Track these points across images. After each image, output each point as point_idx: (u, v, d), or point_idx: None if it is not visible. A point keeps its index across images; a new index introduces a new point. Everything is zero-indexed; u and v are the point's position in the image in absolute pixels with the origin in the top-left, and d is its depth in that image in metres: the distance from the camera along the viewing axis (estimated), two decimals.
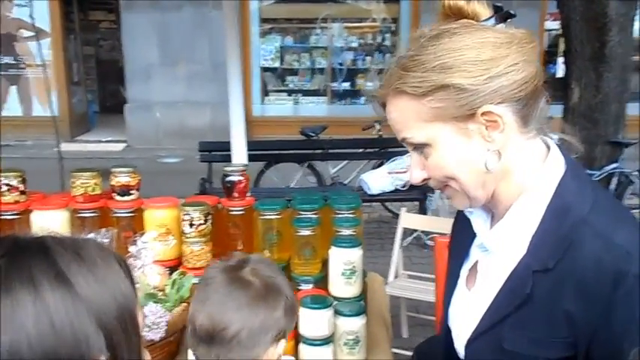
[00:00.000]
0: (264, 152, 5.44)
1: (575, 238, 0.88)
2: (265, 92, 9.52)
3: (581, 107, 4.33)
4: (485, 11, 0.95)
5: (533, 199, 0.94)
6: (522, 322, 0.92)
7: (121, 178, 1.76)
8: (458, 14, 0.94)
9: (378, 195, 4.91)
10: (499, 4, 0.99)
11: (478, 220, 1.04)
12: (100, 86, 12.09)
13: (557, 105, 4.87)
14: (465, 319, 1.05)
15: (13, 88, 9.49)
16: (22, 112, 9.42)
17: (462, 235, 1.12)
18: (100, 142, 9.55)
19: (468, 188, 0.95)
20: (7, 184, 1.76)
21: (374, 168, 5.34)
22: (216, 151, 5.38)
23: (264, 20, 9.41)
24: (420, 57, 0.90)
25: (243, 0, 9.02)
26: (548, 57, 9.33)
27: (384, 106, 0.98)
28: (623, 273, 0.84)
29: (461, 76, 0.87)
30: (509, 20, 0.96)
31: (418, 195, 4.88)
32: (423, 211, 4.81)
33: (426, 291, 3.10)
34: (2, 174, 1.77)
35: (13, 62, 9.41)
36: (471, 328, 1.01)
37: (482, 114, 0.90)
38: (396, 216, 4.43)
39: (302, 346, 1.44)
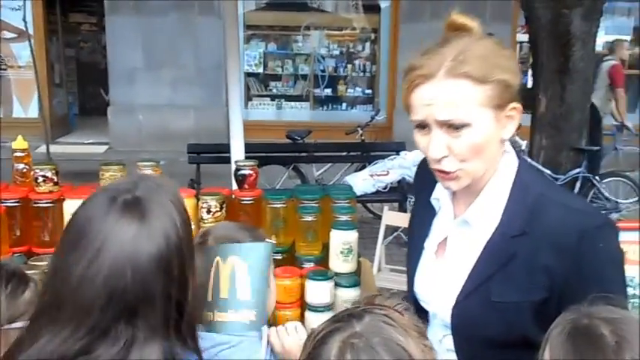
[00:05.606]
0: (250, 154, 5.67)
1: (540, 207, 1.14)
2: (249, 97, 9.76)
3: (547, 116, 4.65)
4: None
5: (501, 181, 1.19)
6: (508, 276, 1.13)
7: (145, 171, 2.00)
8: (463, 29, 1.16)
9: (361, 196, 5.18)
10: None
11: (446, 203, 1.26)
12: (79, 88, 12.13)
13: (525, 114, 5.21)
14: (440, 286, 1.24)
15: None
16: (1, 114, 9.45)
17: (422, 216, 1.33)
18: (82, 144, 9.62)
19: (481, 167, 1.13)
20: (43, 176, 1.98)
21: (357, 170, 5.62)
22: (205, 152, 5.62)
23: (248, 27, 9.66)
24: (480, 52, 1.08)
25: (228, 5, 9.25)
26: (520, 68, 9.71)
27: (410, 88, 1.10)
28: (585, 228, 1.09)
29: (510, 75, 1.10)
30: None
31: (398, 196, 5.18)
32: (402, 211, 5.11)
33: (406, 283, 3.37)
34: (39, 167, 2.00)
35: None
36: (451, 292, 1.20)
37: (511, 108, 1.12)
38: (377, 217, 4.71)
39: (307, 313, 1.71)
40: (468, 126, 1.08)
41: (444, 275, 1.24)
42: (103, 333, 0.90)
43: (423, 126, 1.12)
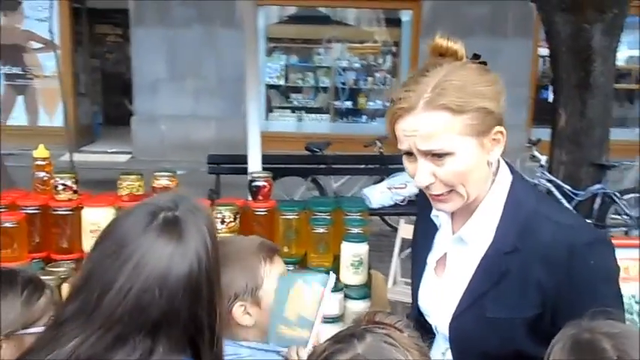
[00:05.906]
0: (269, 166, 5.73)
1: (532, 224, 1.16)
2: (270, 109, 9.86)
3: (567, 131, 4.63)
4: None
5: (494, 199, 1.21)
6: (501, 293, 1.16)
7: (162, 181, 2.04)
8: (449, 54, 1.17)
9: (379, 209, 5.19)
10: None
11: (445, 220, 1.28)
12: (104, 98, 12.33)
13: (545, 129, 5.18)
14: (440, 300, 1.27)
15: (20, 98, 9.70)
16: (27, 122, 9.63)
17: (425, 231, 1.35)
18: (106, 152, 9.78)
19: (472, 191, 1.15)
20: (63, 184, 2.04)
21: (375, 183, 5.63)
22: (224, 163, 5.69)
23: (270, 39, 9.78)
24: (458, 82, 1.09)
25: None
26: (541, 82, 9.65)
27: (393, 120, 1.13)
28: (574, 244, 1.11)
29: (491, 102, 1.11)
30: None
31: (416, 210, 5.15)
32: None
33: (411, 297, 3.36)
34: (58, 175, 2.06)
35: (21, 73, 9.61)
36: (450, 307, 1.23)
37: (496, 132, 1.14)
38: (395, 230, 4.70)
39: None
40: (450, 155, 1.11)
41: (443, 290, 1.27)
42: (123, 341, 0.92)
43: (409, 153, 1.16)
